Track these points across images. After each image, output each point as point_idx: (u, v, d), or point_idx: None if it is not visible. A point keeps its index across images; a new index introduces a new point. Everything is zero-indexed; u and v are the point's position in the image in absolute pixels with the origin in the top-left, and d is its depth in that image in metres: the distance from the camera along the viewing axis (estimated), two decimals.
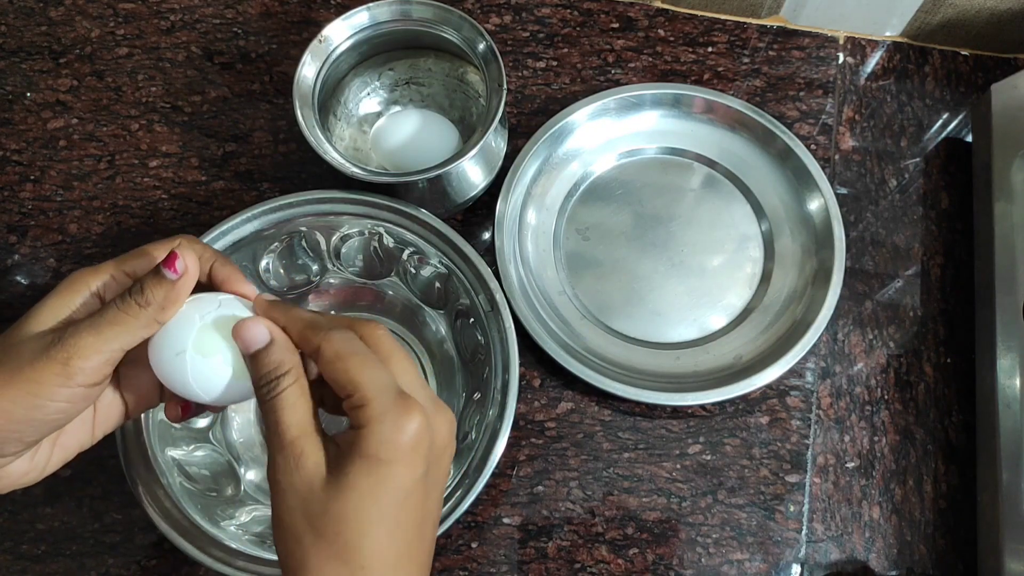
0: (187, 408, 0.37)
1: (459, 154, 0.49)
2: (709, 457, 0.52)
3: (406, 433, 0.31)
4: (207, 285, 0.36)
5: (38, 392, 0.31)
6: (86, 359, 0.31)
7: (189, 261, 0.32)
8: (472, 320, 0.51)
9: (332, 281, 0.54)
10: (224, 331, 0.33)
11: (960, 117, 0.60)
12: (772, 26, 0.62)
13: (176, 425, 0.48)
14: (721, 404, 0.52)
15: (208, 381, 0.33)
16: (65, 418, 0.33)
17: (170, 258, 0.32)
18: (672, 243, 0.56)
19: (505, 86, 0.49)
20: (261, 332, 0.33)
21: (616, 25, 0.62)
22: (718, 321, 0.55)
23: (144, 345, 0.34)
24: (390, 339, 0.34)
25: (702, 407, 0.53)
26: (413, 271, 0.53)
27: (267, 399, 0.32)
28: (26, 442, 0.33)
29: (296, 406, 0.32)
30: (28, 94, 0.60)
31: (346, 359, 0.31)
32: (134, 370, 0.37)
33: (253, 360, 0.33)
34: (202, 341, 0.33)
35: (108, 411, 0.37)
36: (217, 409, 0.40)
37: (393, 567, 0.31)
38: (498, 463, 0.46)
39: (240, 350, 0.33)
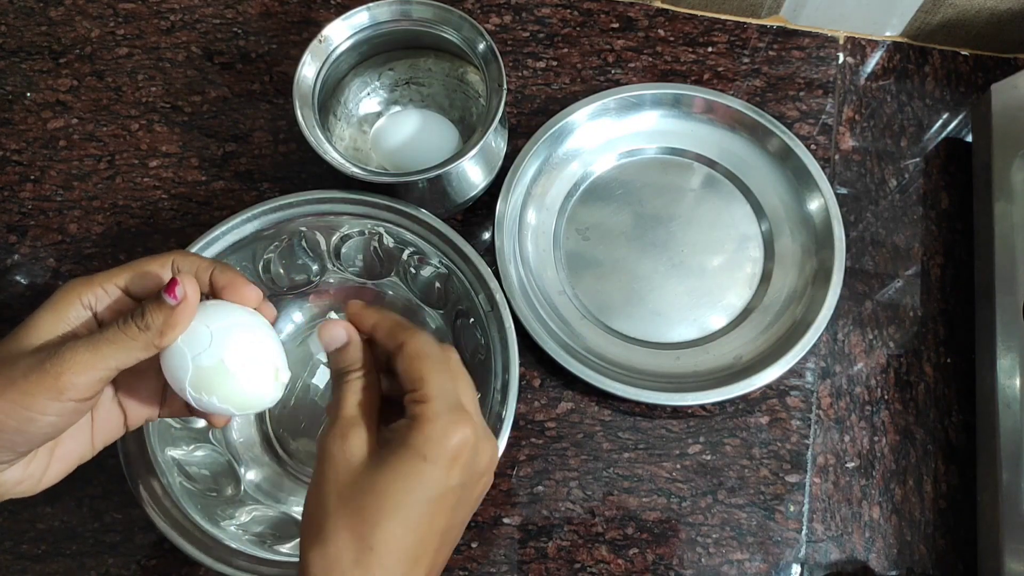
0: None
1: (459, 154, 0.49)
2: (709, 457, 0.52)
3: (452, 440, 0.33)
4: (208, 293, 0.37)
5: (30, 405, 0.31)
6: (79, 375, 0.31)
7: (189, 288, 0.33)
8: (472, 320, 0.51)
9: (332, 281, 0.54)
10: (231, 342, 0.34)
11: (960, 117, 0.60)
12: (772, 26, 0.62)
13: (176, 425, 0.48)
14: (721, 404, 0.52)
15: (218, 394, 0.35)
16: (55, 431, 0.33)
17: (171, 284, 0.33)
18: (672, 243, 0.56)
19: (505, 86, 0.49)
20: (340, 333, 0.36)
21: (616, 25, 0.62)
22: (718, 321, 0.55)
23: (145, 361, 0.35)
24: (459, 362, 0.37)
25: (702, 407, 0.53)
26: (413, 271, 0.53)
27: (337, 384, 0.36)
28: (17, 452, 0.33)
29: (358, 393, 0.35)
30: (28, 94, 0.60)
31: (423, 358, 0.34)
32: (134, 381, 0.37)
33: (332, 356, 0.37)
34: (211, 356, 0.34)
35: (107, 422, 0.37)
36: (221, 422, 0.40)
37: (399, 559, 0.31)
38: (498, 463, 0.46)
39: (323, 347, 0.37)
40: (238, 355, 0.34)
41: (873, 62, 0.61)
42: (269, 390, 0.36)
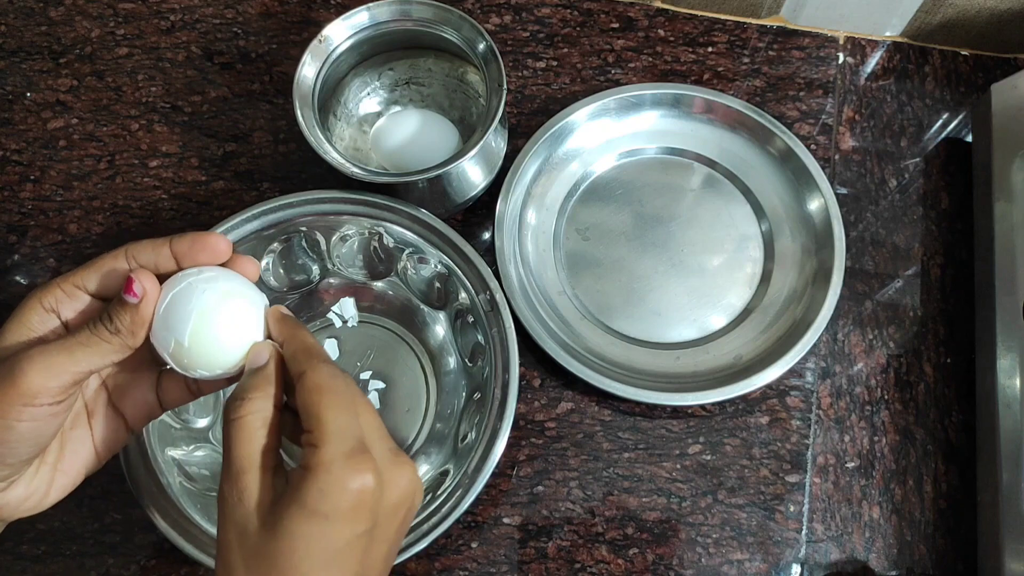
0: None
1: (459, 154, 0.49)
2: (709, 457, 0.52)
3: (350, 490, 0.30)
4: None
5: (3, 412, 0.30)
6: (51, 378, 0.31)
7: (146, 283, 0.32)
8: (472, 320, 0.51)
9: (332, 281, 0.54)
10: (216, 305, 0.33)
11: (960, 117, 0.60)
12: (772, 26, 0.62)
13: (176, 425, 0.48)
14: (721, 404, 0.52)
15: (205, 357, 0.34)
16: (37, 439, 0.32)
17: (128, 283, 0.32)
18: (672, 243, 0.56)
19: (505, 86, 0.49)
20: (262, 355, 0.34)
21: (616, 25, 0.62)
22: (718, 321, 0.55)
23: (132, 360, 0.34)
24: (359, 392, 0.34)
25: (702, 407, 0.53)
26: (413, 271, 0.53)
27: (228, 419, 0.32)
28: (8, 464, 0.32)
29: (252, 437, 0.31)
30: (28, 94, 0.60)
31: (324, 393, 0.31)
32: (125, 383, 0.37)
33: (244, 374, 0.34)
34: (199, 319, 0.33)
35: (106, 429, 0.36)
36: (214, 386, 0.39)
37: None
38: (498, 463, 0.46)
39: (247, 367, 0.34)
40: (218, 325, 0.33)
41: (873, 62, 0.61)
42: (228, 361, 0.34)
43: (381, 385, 0.52)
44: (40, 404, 0.31)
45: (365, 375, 0.52)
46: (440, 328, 0.54)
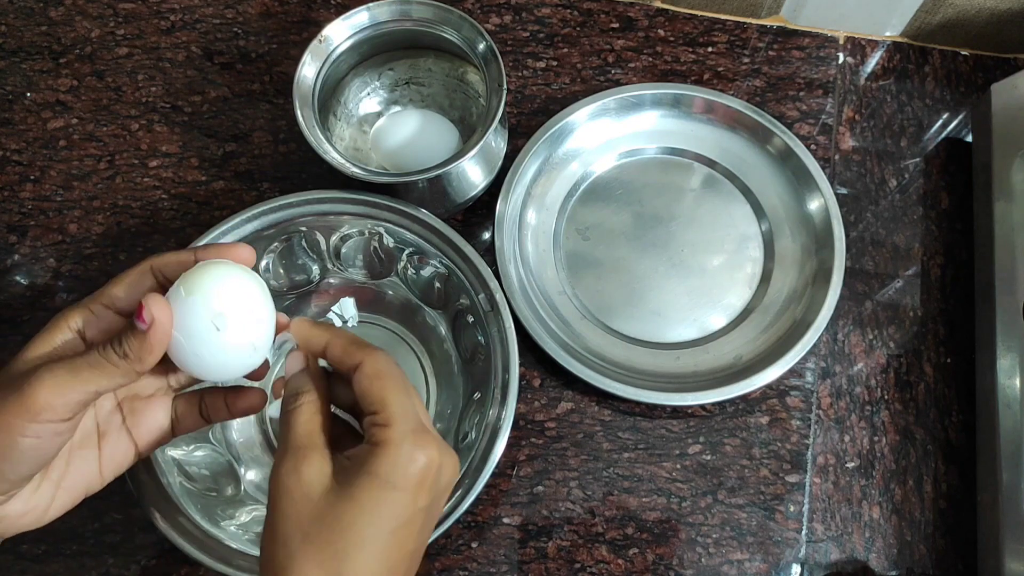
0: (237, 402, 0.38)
1: (459, 154, 0.49)
2: (709, 457, 0.52)
3: (418, 464, 0.32)
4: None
5: (7, 426, 0.31)
6: (57, 396, 0.31)
7: (156, 311, 0.32)
8: (472, 320, 0.51)
9: (332, 281, 0.54)
10: (225, 312, 0.33)
11: (960, 117, 0.60)
12: (772, 26, 0.62)
13: None
14: (721, 404, 0.52)
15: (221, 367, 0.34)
16: (40, 456, 0.32)
17: (138, 309, 0.32)
18: (672, 243, 0.56)
19: (505, 86, 0.49)
20: (298, 360, 0.36)
21: (616, 25, 0.62)
22: (718, 321, 0.55)
23: (149, 385, 0.35)
24: (408, 380, 0.35)
25: (702, 407, 0.53)
26: (413, 271, 0.53)
27: (286, 410, 0.34)
28: (9, 480, 0.32)
29: (310, 419, 0.33)
30: (28, 94, 0.60)
31: (384, 378, 0.33)
32: (141, 407, 0.37)
33: (287, 381, 0.35)
34: (207, 332, 0.33)
35: (115, 451, 0.36)
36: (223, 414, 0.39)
37: None
38: (498, 463, 0.46)
39: (286, 372, 0.35)
40: (229, 334, 0.33)
41: (873, 62, 0.61)
42: (245, 360, 0.35)
43: None
44: (45, 421, 0.31)
45: None
46: (440, 328, 0.54)
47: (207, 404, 0.38)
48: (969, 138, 0.59)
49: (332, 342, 0.35)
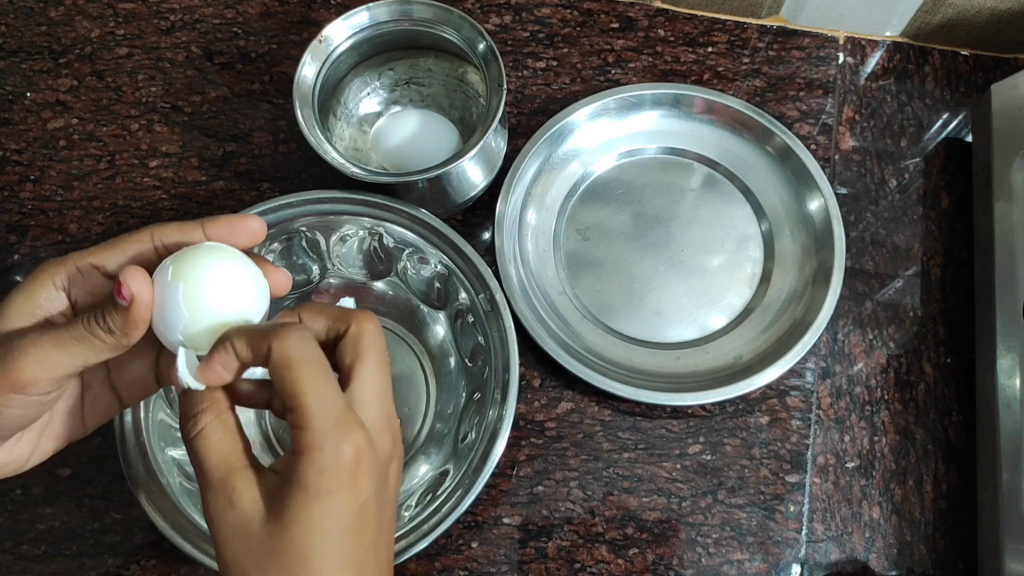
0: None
1: (459, 154, 0.49)
2: (709, 457, 0.52)
3: (345, 456, 0.29)
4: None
5: None
6: (44, 371, 0.30)
7: (135, 287, 0.30)
8: (472, 320, 0.51)
9: (332, 281, 0.54)
10: (213, 285, 0.32)
11: (960, 117, 0.60)
12: (772, 26, 0.62)
13: (176, 425, 0.48)
14: (721, 404, 0.52)
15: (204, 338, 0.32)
16: (24, 421, 0.32)
17: (117, 284, 0.30)
18: (672, 243, 0.56)
19: (505, 86, 0.49)
20: (180, 380, 0.32)
21: (616, 25, 0.62)
22: (718, 321, 0.55)
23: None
24: (373, 336, 0.32)
25: (702, 407, 0.53)
26: (413, 271, 0.53)
27: (188, 439, 0.31)
28: None
29: (219, 443, 0.30)
30: (28, 94, 0.60)
31: (294, 367, 0.30)
32: (127, 362, 0.36)
33: (179, 402, 0.32)
34: (193, 309, 0.31)
35: (99, 403, 0.36)
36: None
37: None
38: (498, 463, 0.46)
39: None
40: (212, 309, 0.31)
41: (873, 62, 0.61)
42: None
43: None
44: (31, 394, 0.31)
45: None
46: (440, 328, 0.54)
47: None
48: (969, 138, 0.59)
49: (235, 338, 0.31)
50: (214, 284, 0.31)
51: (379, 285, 0.54)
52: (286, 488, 0.29)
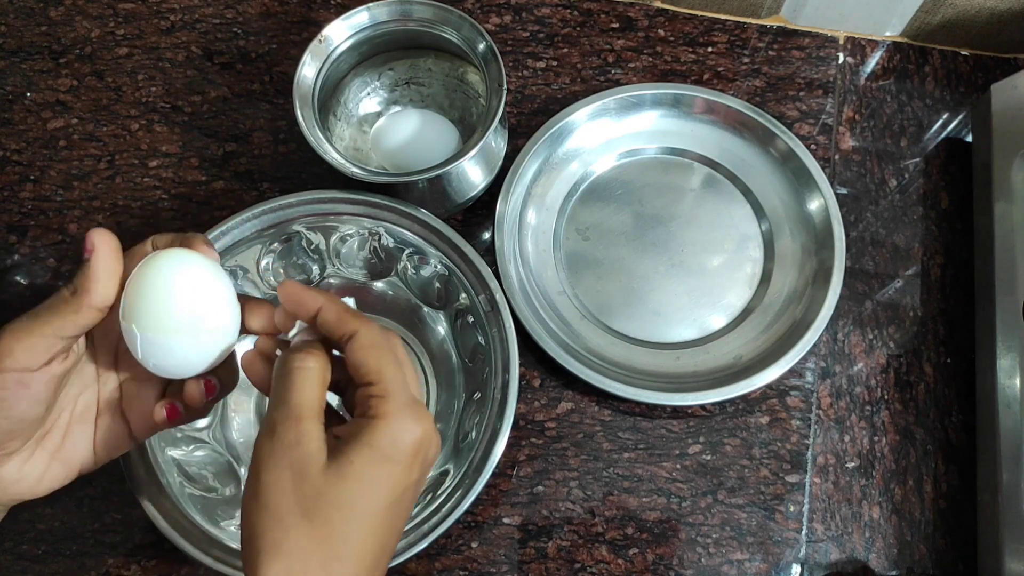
0: (175, 410, 0.36)
1: (459, 154, 0.49)
2: (709, 457, 0.52)
3: (415, 436, 0.31)
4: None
5: None
6: (18, 340, 0.31)
7: (97, 239, 0.32)
8: (472, 320, 0.51)
9: (332, 281, 0.54)
10: (177, 288, 0.33)
11: (960, 117, 0.60)
12: (772, 26, 0.62)
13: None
14: (721, 404, 0.52)
15: (162, 356, 0.33)
16: (17, 414, 0.32)
17: (85, 241, 0.32)
18: (672, 243, 0.56)
19: (505, 86, 0.49)
20: (313, 298, 0.33)
21: (616, 25, 0.62)
22: (718, 321, 0.55)
23: (142, 371, 0.34)
24: (403, 348, 0.35)
25: (702, 407, 0.53)
26: (413, 271, 0.53)
27: (289, 367, 0.32)
28: None
29: (312, 387, 0.32)
30: (28, 94, 0.60)
31: (380, 348, 0.32)
32: (136, 390, 0.37)
33: (305, 328, 0.34)
34: (155, 310, 0.32)
35: (110, 433, 0.36)
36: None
37: (367, 564, 0.31)
38: (498, 463, 0.46)
39: (284, 307, 0.34)
40: (185, 327, 0.33)
41: (873, 62, 0.61)
42: (194, 357, 0.34)
43: None
44: (9, 369, 0.31)
45: None
46: (440, 328, 0.54)
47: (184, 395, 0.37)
48: (969, 138, 0.59)
49: (326, 307, 0.33)
50: (177, 285, 0.33)
51: (379, 285, 0.54)
52: (353, 444, 0.30)
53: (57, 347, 0.32)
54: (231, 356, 0.36)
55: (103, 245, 0.32)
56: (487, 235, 0.56)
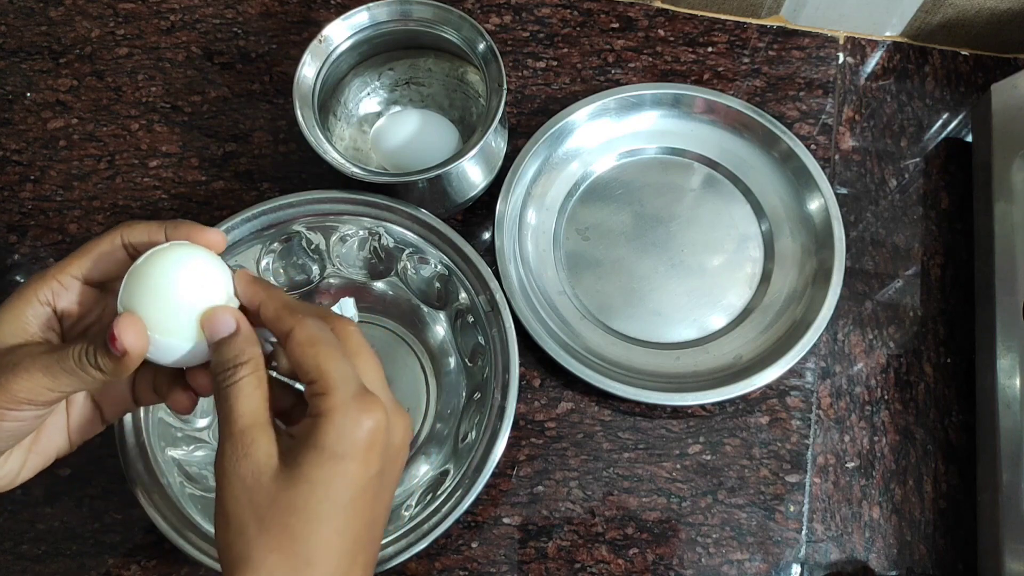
0: (192, 399, 0.36)
1: (459, 154, 0.49)
2: (709, 457, 0.52)
3: (363, 429, 0.30)
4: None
5: None
6: (36, 395, 0.31)
7: (127, 340, 0.31)
8: (472, 320, 0.51)
9: (332, 281, 0.54)
10: (186, 293, 0.33)
11: (960, 117, 0.60)
12: (772, 26, 0.62)
13: (176, 425, 0.48)
14: (721, 404, 0.52)
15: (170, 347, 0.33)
16: (18, 435, 0.33)
17: (110, 337, 0.31)
18: (672, 243, 0.56)
19: (505, 86, 0.49)
20: (227, 321, 0.32)
21: (616, 25, 0.62)
22: (718, 321, 0.55)
23: None
24: (359, 336, 0.34)
25: (702, 407, 0.53)
26: (413, 271, 0.53)
27: (223, 387, 0.32)
28: None
29: (251, 396, 0.31)
30: (28, 94, 0.60)
31: (316, 345, 0.31)
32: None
33: (216, 347, 0.33)
34: (167, 313, 0.32)
35: (83, 419, 0.37)
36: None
37: (338, 564, 0.30)
38: (498, 463, 0.46)
39: (206, 338, 0.33)
40: (186, 320, 0.33)
41: (873, 62, 0.61)
42: (195, 348, 0.33)
43: None
44: (23, 411, 0.31)
45: None
46: (440, 328, 0.54)
47: (158, 381, 0.37)
48: (969, 138, 0.59)
49: (265, 303, 0.33)
50: (182, 279, 0.32)
51: (379, 285, 0.54)
52: (301, 448, 0.30)
53: (66, 397, 0.33)
54: None
55: (136, 345, 0.31)
56: (487, 235, 0.56)
